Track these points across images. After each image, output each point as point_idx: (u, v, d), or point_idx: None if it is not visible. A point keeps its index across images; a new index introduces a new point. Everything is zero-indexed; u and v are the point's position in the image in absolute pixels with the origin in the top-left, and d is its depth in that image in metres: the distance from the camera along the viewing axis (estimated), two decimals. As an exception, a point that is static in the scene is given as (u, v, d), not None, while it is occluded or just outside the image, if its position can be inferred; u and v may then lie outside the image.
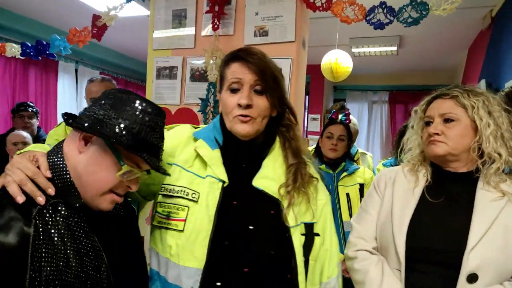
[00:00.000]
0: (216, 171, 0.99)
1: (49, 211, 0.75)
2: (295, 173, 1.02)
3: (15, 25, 4.56)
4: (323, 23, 4.18)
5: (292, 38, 2.13)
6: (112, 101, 0.83)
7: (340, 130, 2.14)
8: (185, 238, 0.93)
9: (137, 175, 0.85)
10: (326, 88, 6.41)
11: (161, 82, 2.41)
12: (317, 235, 1.03)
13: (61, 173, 0.81)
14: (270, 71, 1.01)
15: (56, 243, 0.73)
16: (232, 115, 0.99)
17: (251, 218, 0.97)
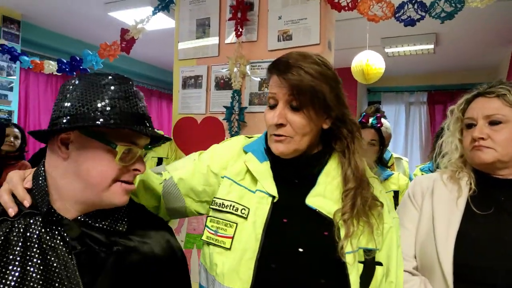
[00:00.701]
0: (265, 185, 0.91)
1: (18, 223, 0.70)
2: (354, 198, 0.88)
3: (52, 42, 4.81)
4: (352, 24, 4.06)
5: (316, 41, 2.05)
6: (76, 91, 0.74)
7: (371, 135, 2.02)
8: (232, 257, 0.87)
9: (137, 153, 0.76)
10: (359, 91, 6.23)
11: (187, 91, 2.42)
12: (379, 264, 0.89)
13: (38, 184, 0.75)
14: (308, 85, 0.85)
15: (8, 255, 0.66)
16: (269, 133, 0.93)
17: (301, 240, 0.87)
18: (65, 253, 0.69)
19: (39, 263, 0.66)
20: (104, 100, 0.72)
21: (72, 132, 0.73)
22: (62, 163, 0.74)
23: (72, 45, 4.92)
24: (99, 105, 0.72)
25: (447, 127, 1.19)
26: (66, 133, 0.72)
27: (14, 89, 4.27)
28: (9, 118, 4.22)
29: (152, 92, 6.75)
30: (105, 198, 0.75)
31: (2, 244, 0.65)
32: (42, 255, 0.67)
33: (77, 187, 0.73)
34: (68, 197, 0.74)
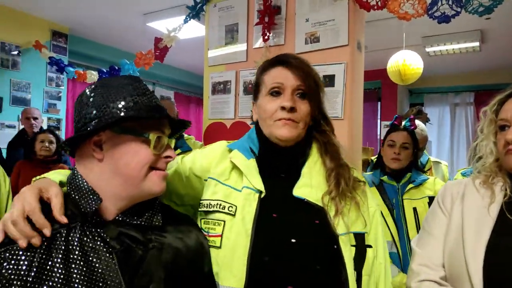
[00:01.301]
0: (252, 181, 0.93)
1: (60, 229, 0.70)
2: (337, 177, 0.94)
3: (96, 53, 5.11)
4: (390, 23, 3.93)
5: (345, 42, 2.00)
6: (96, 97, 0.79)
7: (404, 138, 1.93)
8: (223, 255, 0.88)
9: (166, 140, 0.82)
10: (399, 93, 6.01)
11: (216, 97, 2.45)
12: (370, 247, 0.93)
13: (78, 186, 0.77)
14: (313, 75, 0.98)
15: (52, 258, 0.68)
16: (272, 119, 0.95)
17: (293, 231, 0.89)
18: (105, 253, 0.72)
19: (82, 264, 0.69)
20: (126, 99, 0.78)
21: (103, 133, 0.77)
22: (97, 165, 0.78)
23: (115, 54, 5.17)
24: (122, 103, 0.77)
25: (480, 130, 1.11)
26: (98, 135, 0.77)
27: (62, 99, 4.57)
28: (58, 126, 4.51)
29: (190, 98, 6.93)
30: (145, 188, 0.79)
31: (46, 249, 0.68)
32: (84, 256, 0.70)
33: (116, 183, 0.77)
34: (107, 196, 0.77)
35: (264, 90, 0.98)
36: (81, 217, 0.74)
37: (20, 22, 4.09)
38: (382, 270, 0.95)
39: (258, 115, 1.01)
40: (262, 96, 0.99)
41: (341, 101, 1.99)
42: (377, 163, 2.05)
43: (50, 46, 4.34)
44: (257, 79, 1.02)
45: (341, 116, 1.98)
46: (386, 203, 1.89)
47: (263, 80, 0.99)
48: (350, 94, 1.99)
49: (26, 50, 4.13)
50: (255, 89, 1.03)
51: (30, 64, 4.19)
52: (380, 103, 6.27)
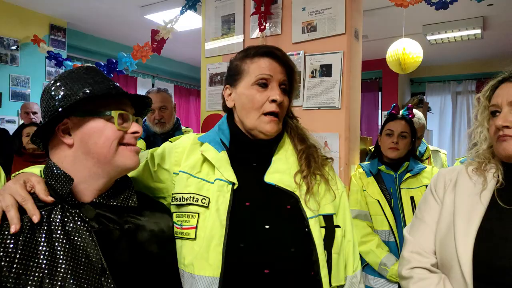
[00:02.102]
0: (224, 173, 0.94)
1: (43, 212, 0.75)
2: (307, 158, 0.99)
3: (94, 47, 5.08)
4: (390, 12, 3.89)
5: (342, 30, 1.98)
6: (58, 90, 0.84)
7: (402, 126, 1.92)
8: (198, 246, 0.89)
9: (131, 118, 0.86)
10: (400, 82, 5.96)
11: (214, 88, 2.44)
12: (338, 227, 0.98)
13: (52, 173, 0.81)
14: (295, 71, 1.03)
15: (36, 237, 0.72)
16: (260, 111, 0.96)
17: (266, 217, 0.91)
18: (85, 232, 0.77)
19: (64, 242, 0.74)
20: (84, 86, 0.83)
21: (68, 120, 0.82)
22: (69, 150, 0.83)
23: (113, 48, 5.15)
24: (82, 90, 0.82)
25: (475, 117, 1.10)
26: (64, 122, 0.82)
27: (62, 93, 4.56)
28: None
29: (191, 91, 6.91)
30: (118, 163, 0.83)
31: (30, 229, 0.72)
32: (66, 235, 0.75)
33: (90, 164, 0.82)
34: (83, 178, 0.82)
35: (248, 79, 0.97)
36: (59, 199, 0.78)
37: (18, 16, 4.07)
38: (351, 248, 1.00)
39: (238, 103, 0.99)
40: (245, 84, 0.98)
41: (338, 91, 1.97)
42: (375, 152, 2.04)
43: (48, 41, 4.33)
44: (238, 65, 1.00)
45: (338, 106, 1.96)
46: (384, 192, 1.89)
47: (248, 68, 0.98)
48: (347, 84, 1.97)
49: (24, 45, 4.12)
50: (233, 74, 1.01)
51: (29, 59, 4.19)
52: (381, 93, 6.23)
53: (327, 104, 1.99)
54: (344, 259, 0.98)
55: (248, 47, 1.03)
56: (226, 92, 1.04)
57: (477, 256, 0.88)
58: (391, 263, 1.77)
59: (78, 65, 3.56)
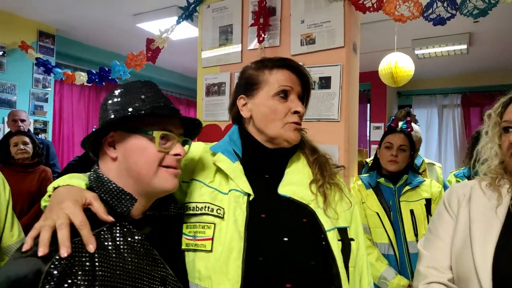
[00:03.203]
0: (239, 184, 0.93)
1: (105, 232, 0.76)
2: (321, 167, 1.00)
3: (84, 54, 5.01)
4: (380, 26, 3.97)
5: (341, 44, 2.00)
6: (114, 101, 0.85)
7: (401, 140, 1.93)
8: (215, 259, 0.85)
9: (175, 139, 0.84)
10: (389, 95, 6.06)
11: (210, 99, 2.42)
12: (352, 240, 0.97)
13: (108, 188, 0.81)
14: (310, 84, 1.04)
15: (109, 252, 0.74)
16: (283, 122, 0.96)
17: (283, 230, 0.89)
18: (142, 248, 0.79)
19: (132, 257, 0.77)
20: (136, 101, 0.83)
21: (115, 134, 0.82)
22: (113, 164, 0.83)
23: (103, 56, 5.09)
24: (132, 105, 0.82)
25: (485, 132, 1.12)
26: (111, 135, 0.82)
27: (49, 100, 4.46)
28: (45, 128, 4.40)
29: (180, 100, 6.87)
30: (156, 185, 0.82)
31: (101, 246, 0.74)
32: (131, 249, 0.77)
33: (131, 181, 0.82)
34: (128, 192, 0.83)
35: (268, 89, 0.97)
36: (116, 216, 0.79)
37: (5, 22, 3.98)
38: (365, 261, 1.00)
39: (257, 113, 0.98)
40: (265, 95, 0.97)
41: (337, 103, 1.98)
42: (374, 165, 2.04)
43: (36, 47, 4.24)
44: (255, 76, 0.99)
45: (338, 118, 1.97)
46: (383, 205, 1.89)
47: (267, 79, 0.97)
48: (346, 96, 1.99)
49: (11, 51, 4.02)
50: (250, 84, 1.00)
51: (16, 65, 4.08)
52: (369, 105, 6.32)
53: (327, 116, 1.99)
54: (359, 272, 0.97)
55: (262, 58, 1.03)
56: (240, 103, 1.01)
57: (496, 271, 0.88)
58: (391, 276, 1.77)
59: (68, 72, 3.49)
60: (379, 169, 1.98)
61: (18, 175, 2.74)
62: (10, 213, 1.17)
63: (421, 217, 1.85)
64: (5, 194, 1.15)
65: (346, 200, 0.99)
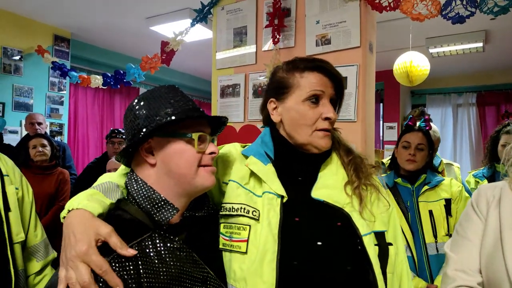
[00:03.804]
0: (272, 186, 0.92)
1: (146, 241, 0.78)
2: (356, 169, 0.97)
3: (99, 57, 5.07)
4: (395, 25, 3.93)
5: (357, 44, 1.98)
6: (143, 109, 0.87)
7: (419, 138, 1.89)
8: (250, 261, 0.85)
9: (208, 139, 0.87)
10: (402, 94, 5.99)
11: (225, 100, 2.43)
12: (390, 245, 0.94)
13: (149, 196, 0.83)
14: (343, 86, 1.01)
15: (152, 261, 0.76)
16: (313, 128, 0.94)
17: (317, 234, 0.88)
18: (185, 249, 0.82)
19: (174, 261, 0.79)
20: (166, 106, 0.85)
21: (151, 140, 0.84)
22: (152, 170, 0.85)
23: (117, 59, 5.14)
24: (164, 110, 0.84)
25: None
26: (147, 142, 0.84)
27: (64, 103, 4.53)
28: (60, 130, 4.47)
29: (192, 102, 6.91)
30: (197, 184, 0.85)
31: (143, 253, 0.76)
32: (173, 254, 0.80)
33: (172, 183, 0.84)
34: (168, 196, 0.84)
35: (298, 94, 0.95)
36: (154, 225, 0.81)
37: (22, 27, 4.06)
38: (404, 267, 0.96)
39: (287, 118, 0.97)
40: (295, 99, 0.95)
41: (354, 104, 1.96)
42: (391, 164, 2.01)
43: (52, 51, 4.30)
44: (285, 79, 0.98)
45: (354, 119, 1.96)
46: (401, 206, 1.86)
47: (298, 83, 0.96)
48: (363, 96, 1.97)
49: (28, 55, 4.10)
50: (280, 88, 0.99)
51: (33, 69, 4.16)
52: (382, 104, 6.26)
53: (343, 117, 1.98)
54: (398, 279, 0.94)
55: (294, 59, 1.00)
56: (270, 106, 1.00)
57: None
58: None
59: (84, 76, 3.54)
60: (397, 169, 1.96)
61: (37, 177, 2.79)
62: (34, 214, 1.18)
63: (440, 218, 1.80)
64: (29, 196, 1.17)
65: (383, 201, 0.96)
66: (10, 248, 1.02)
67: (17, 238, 1.09)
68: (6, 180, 1.09)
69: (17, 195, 1.14)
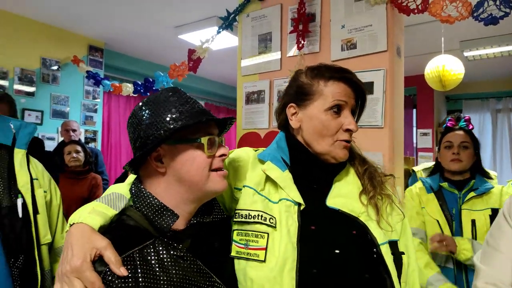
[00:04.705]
0: (290, 193, 0.90)
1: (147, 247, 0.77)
2: (371, 178, 0.96)
3: (130, 66, 5.24)
4: (426, 28, 3.81)
5: (384, 48, 1.93)
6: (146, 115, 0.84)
7: (462, 137, 1.76)
8: (269, 270, 0.83)
9: (217, 141, 0.85)
10: (436, 99, 5.78)
11: (250, 107, 2.43)
12: (403, 254, 0.92)
13: (149, 203, 0.82)
14: (365, 97, 0.99)
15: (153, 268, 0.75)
16: (334, 139, 0.93)
17: (334, 242, 0.87)
18: (189, 257, 0.80)
19: (177, 269, 0.77)
20: (172, 111, 0.82)
21: (160, 148, 0.82)
22: (162, 178, 0.83)
23: (147, 67, 5.30)
24: (170, 116, 0.81)
25: None
26: (156, 151, 0.82)
27: (98, 111, 4.71)
28: (94, 137, 4.64)
29: (220, 108, 6.98)
30: (209, 189, 0.84)
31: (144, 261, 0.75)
32: (175, 262, 0.78)
33: (182, 190, 0.83)
34: (176, 203, 0.83)
35: (322, 102, 0.93)
36: (157, 231, 0.80)
37: (59, 38, 4.27)
38: (416, 277, 0.94)
39: (307, 126, 0.95)
40: (318, 107, 0.93)
41: (381, 109, 1.91)
42: (436, 169, 1.89)
43: (87, 61, 4.50)
44: (309, 85, 0.95)
45: (381, 125, 1.90)
46: (445, 213, 1.72)
47: (322, 91, 0.93)
48: (391, 102, 1.91)
49: (64, 65, 4.30)
50: (302, 94, 0.96)
51: (69, 79, 4.36)
52: (415, 110, 6.07)
53: (369, 122, 1.93)
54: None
55: (319, 66, 0.98)
56: (290, 111, 0.98)
57: None
58: (439, 283, 1.61)
59: (116, 84, 3.66)
60: (442, 173, 1.83)
61: (71, 181, 2.92)
62: (61, 217, 1.22)
63: (483, 229, 1.64)
64: (57, 199, 1.20)
65: (397, 211, 0.95)
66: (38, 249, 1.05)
67: (44, 239, 1.12)
68: (35, 183, 1.12)
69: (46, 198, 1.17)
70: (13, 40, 3.87)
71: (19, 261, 0.96)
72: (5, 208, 0.98)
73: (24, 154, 1.11)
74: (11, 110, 1.67)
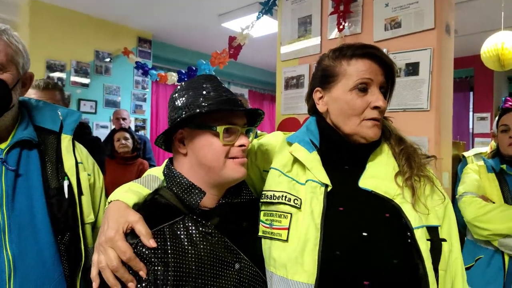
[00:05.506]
0: (317, 174, 0.89)
1: (177, 223, 0.82)
2: (408, 159, 0.91)
3: (176, 56, 5.39)
4: (483, 4, 3.50)
5: (431, 25, 1.80)
6: (179, 99, 0.89)
7: None
8: (291, 249, 0.84)
9: (238, 130, 0.87)
10: (496, 81, 5.33)
11: (289, 92, 2.40)
12: (444, 241, 0.87)
13: (179, 182, 0.87)
14: (395, 72, 0.95)
15: (182, 243, 0.79)
16: (361, 118, 0.90)
17: (363, 224, 0.84)
18: (217, 234, 0.84)
19: (205, 244, 0.82)
20: (199, 98, 0.86)
21: (183, 131, 0.88)
22: (185, 159, 0.89)
23: (192, 56, 5.42)
24: (197, 101, 0.86)
25: None
26: (180, 132, 0.88)
27: (147, 100, 4.91)
28: (144, 125, 4.86)
29: (264, 96, 6.98)
30: (226, 175, 0.87)
31: (174, 236, 0.80)
32: (204, 238, 0.82)
33: (202, 173, 0.87)
34: (200, 184, 0.87)
35: (346, 83, 0.90)
36: (187, 209, 0.84)
37: (111, 31, 4.49)
38: (459, 266, 0.89)
39: (334, 108, 0.93)
40: (342, 88, 0.91)
41: (426, 91, 1.80)
42: (496, 154, 1.82)
43: (136, 52, 4.69)
44: (332, 67, 0.93)
45: (427, 108, 1.79)
46: (505, 195, 1.65)
47: (345, 71, 0.91)
48: (437, 83, 1.79)
49: (116, 57, 4.52)
50: (326, 76, 0.94)
51: (119, 70, 4.58)
52: (472, 93, 5.65)
53: (414, 105, 1.82)
54: (451, 277, 0.87)
55: (341, 46, 0.95)
56: (316, 95, 0.97)
57: None
58: None
59: (162, 73, 3.79)
60: (502, 157, 1.75)
61: (120, 167, 3.09)
62: (104, 198, 1.29)
63: None
64: (100, 181, 1.27)
65: (438, 193, 0.90)
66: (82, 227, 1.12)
67: (88, 219, 1.18)
68: (80, 167, 1.19)
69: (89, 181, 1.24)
70: (69, 35, 4.13)
71: (65, 238, 1.03)
72: (53, 189, 1.05)
73: (70, 139, 1.17)
74: (62, 98, 1.80)
